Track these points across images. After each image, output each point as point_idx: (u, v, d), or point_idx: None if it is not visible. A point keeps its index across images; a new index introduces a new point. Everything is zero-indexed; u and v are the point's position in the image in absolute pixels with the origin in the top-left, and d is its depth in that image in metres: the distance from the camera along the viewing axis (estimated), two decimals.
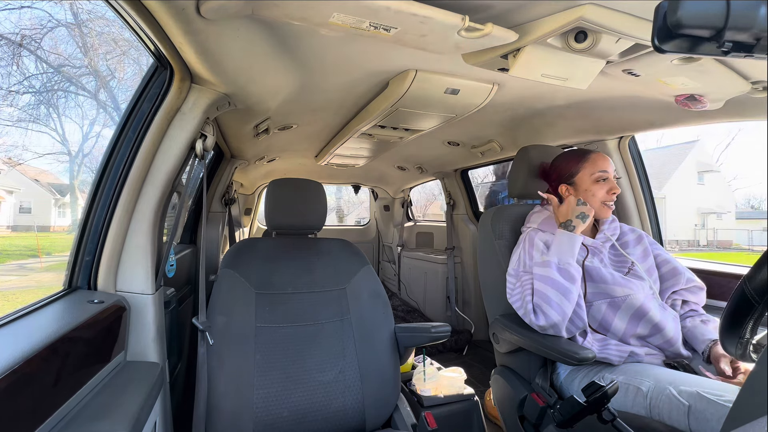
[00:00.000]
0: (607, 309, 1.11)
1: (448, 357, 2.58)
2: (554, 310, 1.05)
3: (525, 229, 1.27)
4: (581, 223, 1.14)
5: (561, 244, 1.12)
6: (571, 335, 1.09)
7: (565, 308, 1.05)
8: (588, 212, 1.14)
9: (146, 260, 0.95)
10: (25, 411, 0.55)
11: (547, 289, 1.08)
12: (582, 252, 1.17)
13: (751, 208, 23.39)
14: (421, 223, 3.57)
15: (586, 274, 1.14)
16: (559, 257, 1.10)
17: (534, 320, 1.08)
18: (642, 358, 1.07)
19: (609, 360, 1.07)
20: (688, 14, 0.40)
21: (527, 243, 1.20)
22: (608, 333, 1.12)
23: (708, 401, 0.82)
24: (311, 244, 1.38)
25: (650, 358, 1.08)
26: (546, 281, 1.09)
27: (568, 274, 1.08)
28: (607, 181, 1.19)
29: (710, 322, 1.11)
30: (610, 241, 1.20)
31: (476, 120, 1.60)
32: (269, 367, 1.09)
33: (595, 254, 1.17)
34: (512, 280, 1.19)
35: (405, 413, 1.18)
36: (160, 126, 0.95)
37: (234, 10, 0.71)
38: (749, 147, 32.31)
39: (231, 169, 2.09)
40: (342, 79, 1.22)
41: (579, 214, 1.14)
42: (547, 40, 0.86)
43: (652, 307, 1.08)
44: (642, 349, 1.08)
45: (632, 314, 1.08)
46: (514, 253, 1.24)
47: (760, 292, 0.53)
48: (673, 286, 1.17)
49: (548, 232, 1.21)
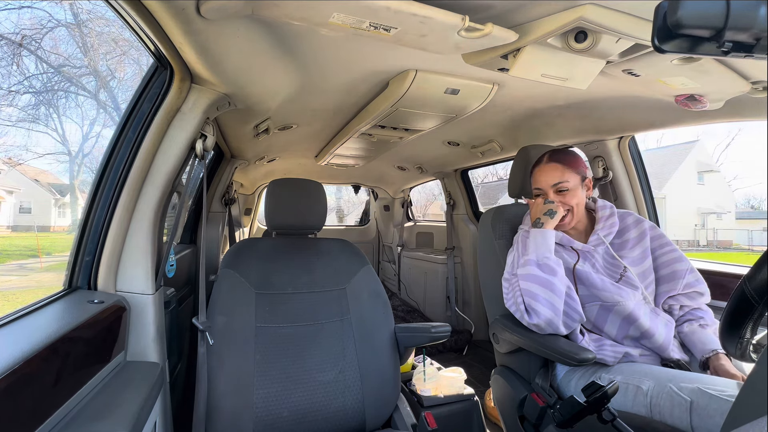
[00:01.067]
0: (599, 311, 1.12)
1: (448, 357, 2.58)
2: (544, 305, 1.06)
3: (519, 230, 1.28)
4: (549, 219, 1.16)
5: (535, 241, 1.15)
6: (570, 329, 1.08)
7: (554, 302, 1.05)
8: (555, 209, 1.16)
9: (146, 260, 0.95)
10: (25, 411, 0.55)
11: (531, 286, 1.09)
12: (573, 257, 1.17)
13: (751, 208, 23.39)
14: (421, 223, 3.57)
15: (577, 278, 1.14)
16: (536, 254, 1.12)
17: (529, 320, 1.09)
18: (636, 358, 1.07)
19: (604, 360, 1.07)
20: (688, 14, 0.40)
21: (519, 244, 1.21)
22: (602, 333, 1.12)
23: (710, 396, 0.81)
24: (311, 244, 1.38)
25: (645, 359, 1.08)
26: (529, 279, 1.10)
27: (548, 267, 1.09)
28: (542, 190, 1.21)
29: (709, 327, 1.10)
30: (603, 244, 1.18)
31: (476, 120, 1.60)
32: (269, 367, 1.09)
33: (587, 259, 1.17)
34: (506, 285, 1.20)
35: (405, 413, 1.18)
36: (160, 126, 0.95)
37: (234, 10, 0.71)
38: (749, 147, 32.30)
39: (231, 169, 2.09)
40: (342, 79, 1.22)
41: (547, 211, 1.17)
42: (547, 40, 0.86)
43: (642, 314, 1.08)
44: (636, 350, 1.08)
45: (622, 319, 1.09)
46: (508, 256, 1.24)
47: (760, 292, 0.53)
48: (668, 291, 1.15)
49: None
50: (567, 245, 1.20)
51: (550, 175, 1.19)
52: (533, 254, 1.13)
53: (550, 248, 1.13)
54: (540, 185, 1.20)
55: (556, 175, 1.18)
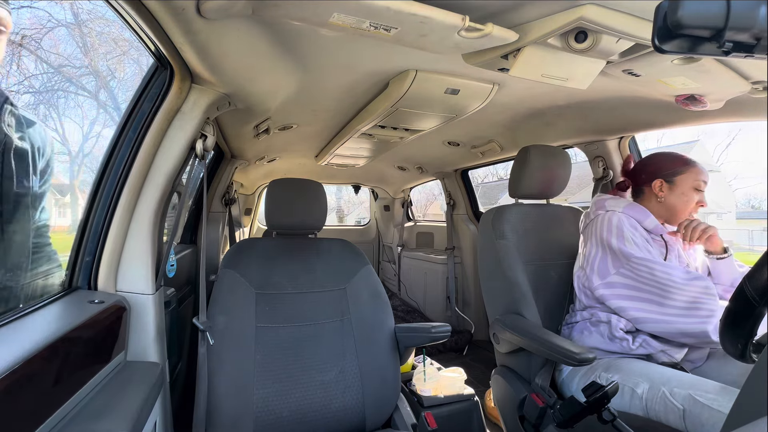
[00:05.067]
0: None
1: (448, 357, 2.58)
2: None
3: (600, 213, 1.22)
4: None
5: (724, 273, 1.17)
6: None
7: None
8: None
9: (146, 260, 0.95)
10: (25, 411, 0.55)
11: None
12: (661, 246, 1.17)
13: (751, 208, 23.36)
14: (421, 223, 3.57)
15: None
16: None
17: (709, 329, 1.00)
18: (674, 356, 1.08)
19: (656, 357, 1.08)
20: (688, 14, 0.40)
21: (625, 224, 1.15)
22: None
23: (702, 405, 0.82)
24: (311, 244, 1.37)
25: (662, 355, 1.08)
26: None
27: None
28: (701, 193, 1.20)
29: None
30: (679, 240, 1.20)
31: (476, 120, 1.60)
32: (269, 366, 1.09)
33: (672, 251, 1.17)
34: (628, 272, 1.10)
35: (405, 413, 1.18)
36: (160, 126, 0.95)
37: (234, 10, 0.71)
38: (749, 147, 32.25)
39: (231, 169, 2.09)
40: (342, 79, 1.22)
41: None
42: (547, 40, 0.86)
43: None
44: (680, 350, 1.08)
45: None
46: (591, 243, 1.19)
47: (760, 292, 0.53)
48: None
49: (634, 219, 1.18)
50: (657, 233, 1.18)
51: (708, 179, 1.20)
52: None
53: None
54: (707, 179, 1.20)
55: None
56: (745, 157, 37.56)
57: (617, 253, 1.12)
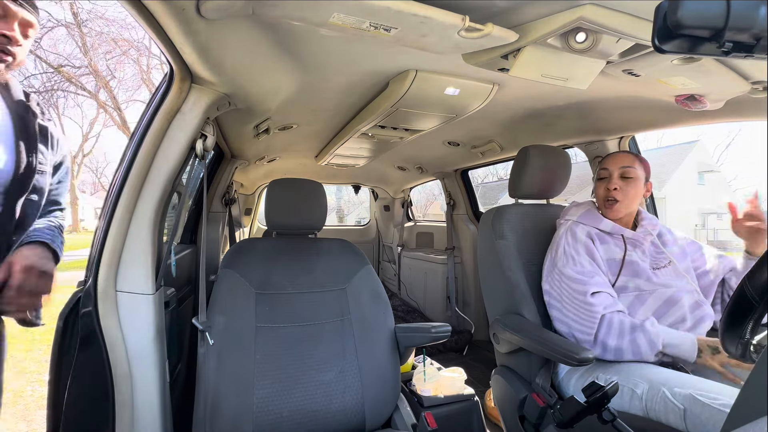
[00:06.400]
0: (633, 301, 1.12)
1: (448, 357, 2.58)
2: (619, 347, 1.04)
3: (563, 222, 1.26)
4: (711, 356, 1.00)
5: (680, 346, 1.02)
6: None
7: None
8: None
9: (146, 260, 0.96)
10: None
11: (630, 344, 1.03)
12: (620, 246, 1.18)
13: None
14: (421, 223, 3.57)
15: (625, 267, 1.15)
16: (667, 347, 1.02)
17: (591, 347, 1.04)
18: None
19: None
20: (688, 14, 0.40)
21: (569, 236, 1.19)
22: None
23: (702, 405, 0.82)
24: (311, 244, 1.37)
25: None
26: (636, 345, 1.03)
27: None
28: (605, 180, 1.21)
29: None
30: (650, 235, 1.20)
31: (476, 120, 1.60)
32: (269, 367, 1.09)
33: (636, 246, 1.18)
34: (554, 292, 1.16)
35: (405, 413, 1.18)
36: (160, 126, 0.95)
37: (234, 10, 0.71)
38: (749, 147, 32.24)
39: (231, 169, 2.09)
40: (342, 79, 1.22)
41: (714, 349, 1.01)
42: (547, 40, 0.86)
43: (685, 299, 1.09)
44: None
45: (662, 303, 1.10)
46: (550, 251, 1.23)
47: (760, 292, 0.53)
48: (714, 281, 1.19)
49: (589, 225, 1.20)
50: (617, 233, 1.19)
51: (621, 158, 1.21)
52: (651, 351, 1.02)
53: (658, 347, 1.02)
54: (608, 165, 1.22)
55: (627, 160, 1.20)
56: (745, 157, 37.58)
57: (553, 265, 1.19)
